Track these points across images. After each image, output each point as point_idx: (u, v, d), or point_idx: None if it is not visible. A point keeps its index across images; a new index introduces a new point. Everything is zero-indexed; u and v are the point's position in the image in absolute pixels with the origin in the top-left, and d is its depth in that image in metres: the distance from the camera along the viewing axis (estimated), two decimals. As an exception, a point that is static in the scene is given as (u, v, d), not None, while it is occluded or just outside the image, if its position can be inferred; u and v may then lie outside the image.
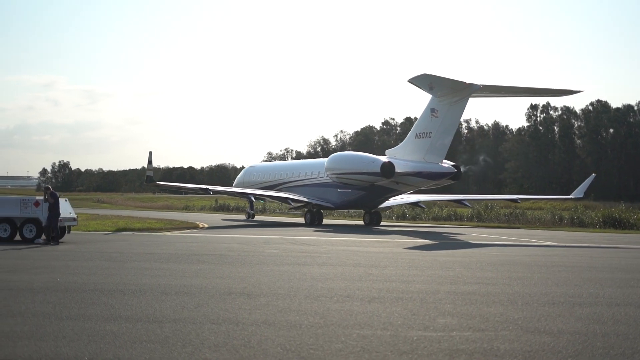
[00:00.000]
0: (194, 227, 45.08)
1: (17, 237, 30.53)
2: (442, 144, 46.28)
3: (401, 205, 59.62)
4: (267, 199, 60.42)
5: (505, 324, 11.79)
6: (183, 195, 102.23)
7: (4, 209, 30.81)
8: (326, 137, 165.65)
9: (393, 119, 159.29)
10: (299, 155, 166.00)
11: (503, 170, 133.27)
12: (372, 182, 48.58)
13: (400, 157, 48.42)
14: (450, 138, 46.29)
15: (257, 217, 62.75)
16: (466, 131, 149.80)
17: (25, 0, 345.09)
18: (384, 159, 48.48)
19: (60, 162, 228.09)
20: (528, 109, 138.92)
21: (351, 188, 50.64)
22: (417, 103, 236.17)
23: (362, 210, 55.97)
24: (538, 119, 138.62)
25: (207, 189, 56.91)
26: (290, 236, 36.30)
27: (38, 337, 10.31)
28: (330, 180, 51.60)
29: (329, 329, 11.18)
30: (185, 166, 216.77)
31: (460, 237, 38.09)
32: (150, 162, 48.66)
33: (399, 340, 10.36)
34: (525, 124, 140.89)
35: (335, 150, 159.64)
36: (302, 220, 56.65)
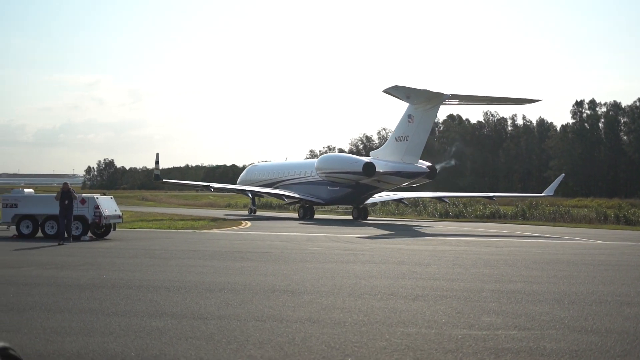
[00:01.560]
0: (237, 224, 45.31)
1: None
2: (417, 146, 51.69)
3: (386, 201, 64.14)
4: (265, 195, 64.78)
5: (552, 322, 11.67)
6: (226, 193, 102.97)
7: (51, 207, 31.27)
8: (369, 134, 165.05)
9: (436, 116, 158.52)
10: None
11: (547, 169, 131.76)
12: (357, 180, 53.33)
13: (382, 158, 53.50)
14: (424, 141, 51.86)
15: (259, 212, 65.87)
16: (511, 128, 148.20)
17: (70, 1, 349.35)
18: (366, 159, 53.64)
19: (105, 160, 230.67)
20: (573, 105, 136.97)
21: (339, 186, 55.50)
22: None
23: (351, 206, 60.09)
24: (583, 115, 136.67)
25: (209, 185, 64.67)
26: (333, 234, 36.31)
27: (86, 333, 10.43)
28: (320, 179, 56.64)
29: (373, 326, 11.16)
30: (228, 164, 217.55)
31: (427, 230, 37.97)
32: (157, 162, 55.07)
33: (444, 339, 10.31)
34: (571, 120, 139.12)
35: (377, 148, 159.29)
36: (296, 215, 60.56)
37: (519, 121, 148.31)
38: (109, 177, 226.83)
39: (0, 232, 33.69)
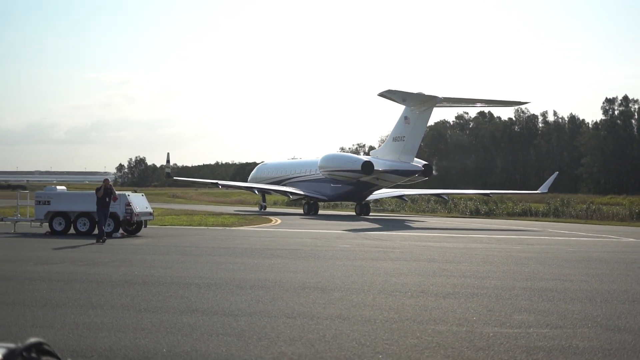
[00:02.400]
0: (268, 222, 45.43)
1: (96, 231, 31.17)
2: (413, 146, 54.90)
3: (388, 197, 67.03)
4: (271, 192, 66.79)
5: (584, 321, 11.57)
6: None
7: (83, 204, 31.57)
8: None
9: (466, 113, 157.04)
10: (372, 151, 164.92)
11: (579, 166, 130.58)
12: (357, 178, 56.24)
13: (381, 157, 56.77)
14: (419, 141, 55.76)
15: (269, 209, 67.71)
16: (542, 125, 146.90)
17: (102, 1, 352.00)
18: (365, 158, 57.22)
19: (136, 157, 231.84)
20: (604, 102, 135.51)
21: (341, 183, 58.36)
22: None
23: (354, 202, 63.15)
24: (615, 112, 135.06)
25: (217, 183, 67.31)
26: (362, 231, 36.31)
27: (118, 329, 10.51)
28: (324, 177, 59.45)
29: (404, 324, 11.14)
30: (258, 161, 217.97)
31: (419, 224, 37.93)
32: (168, 161, 60.74)
33: (475, 337, 10.27)
34: (602, 117, 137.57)
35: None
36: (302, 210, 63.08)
37: (550, 118, 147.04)
38: (140, 174, 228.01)
39: (34, 228, 34.03)
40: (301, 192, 60.96)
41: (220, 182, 69.17)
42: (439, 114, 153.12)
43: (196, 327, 10.69)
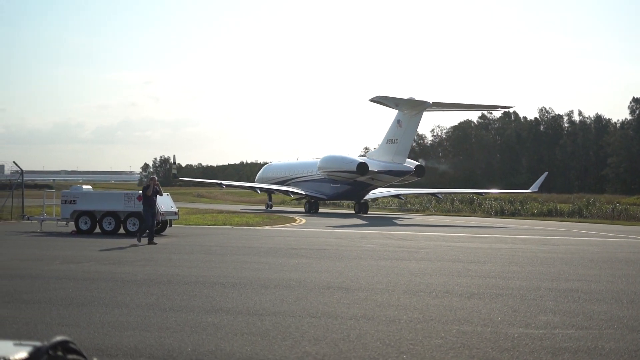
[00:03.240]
0: (292, 221, 45.49)
1: (121, 230, 31.39)
2: (405, 148, 58.34)
3: (385, 196, 69.70)
4: (274, 191, 69.17)
5: (610, 322, 11.49)
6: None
7: (109, 203, 31.79)
8: (421, 132, 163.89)
9: (490, 113, 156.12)
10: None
11: (605, 166, 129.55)
12: (353, 178, 59.07)
13: (376, 158, 59.76)
14: (411, 143, 59.80)
15: (275, 207, 70.21)
16: (567, 125, 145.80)
17: (125, 0, 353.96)
18: (361, 159, 60.13)
19: (161, 157, 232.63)
20: (631, 102, 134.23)
21: (339, 183, 61.19)
22: (513, 97, 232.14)
23: (353, 201, 65.90)
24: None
25: (221, 183, 69.48)
26: (387, 231, 36.26)
27: (143, 328, 10.57)
28: (323, 177, 62.30)
29: (428, 324, 11.12)
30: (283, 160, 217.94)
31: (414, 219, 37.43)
32: (174, 162, 66.56)
33: (500, 337, 10.22)
34: (628, 116, 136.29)
35: (432, 146, 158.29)
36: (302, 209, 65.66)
37: (575, 117, 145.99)
38: (165, 174, 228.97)
39: (60, 227, 34.29)
40: (302, 192, 63.91)
41: (223, 182, 71.53)
42: (463, 115, 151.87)
43: (221, 326, 10.72)
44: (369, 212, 62.64)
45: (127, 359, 8.86)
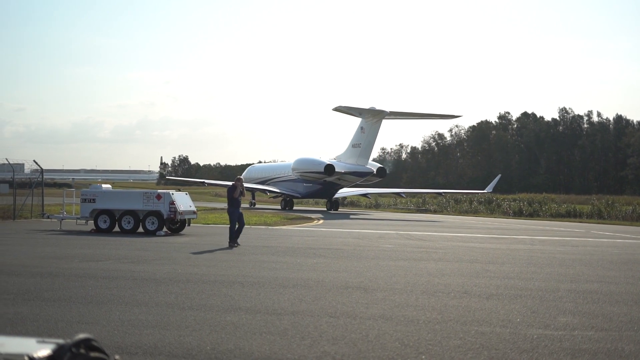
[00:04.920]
0: (310, 221, 45.53)
1: (140, 229, 31.53)
2: (367, 151, 64.96)
3: (354, 195, 75.29)
4: (255, 190, 74.21)
5: (630, 324, 11.43)
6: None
7: (128, 202, 31.93)
8: (440, 132, 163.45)
9: (509, 113, 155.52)
10: (414, 151, 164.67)
11: (625, 167, 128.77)
12: (322, 178, 64.60)
13: (343, 160, 65.80)
14: (372, 147, 65.55)
15: (258, 205, 75.00)
16: (587, 125, 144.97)
17: (144, 1, 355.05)
18: (328, 161, 65.18)
19: (179, 156, 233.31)
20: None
21: (311, 183, 66.54)
22: (532, 98, 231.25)
23: (324, 199, 71.03)
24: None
25: (203, 182, 78.50)
26: (405, 232, 36.22)
27: (162, 326, 10.61)
28: (297, 177, 67.75)
29: (447, 324, 11.10)
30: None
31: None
32: (162, 162, 75.00)
33: (519, 338, 10.19)
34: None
35: (450, 146, 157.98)
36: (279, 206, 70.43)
37: (594, 118, 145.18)
38: (184, 173, 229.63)
39: (79, 226, 34.48)
40: (278, 190, 69.85)
41: (207, 181, 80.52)
42: (482, 114, 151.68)
43: (239, 325, 10.75)
44: (339, 210, 68.05)
45: (147, 357, 8.90)
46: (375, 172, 65.17)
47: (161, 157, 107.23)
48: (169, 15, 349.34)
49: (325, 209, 68.67)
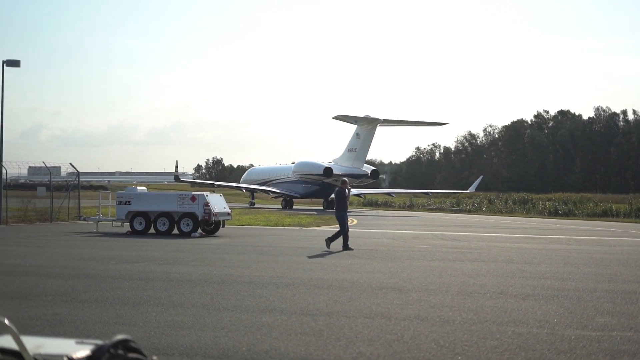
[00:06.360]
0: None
1: (175, 231, 31.71)
2: (362, 155, 70.65)
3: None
4: (258, 191, 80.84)
5: (670, 324, 11.27)
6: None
7: (163, 204, 32.17)
8: (473, 132, 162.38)
9: (547, 112, 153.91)
10: (447, 151, 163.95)
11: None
12: (321, 180, 70.19)
13: (340, 164, 71.38)
14: (367, 152, 71.04)
15: (261, 205, 79.99)
16: (623, 123, 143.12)
17: (179, 3, 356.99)
18: (327, 164, 70.83)
19: (213, 158, 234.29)
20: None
21: (310, 184, 72.50)
22: (568, 97, 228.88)
23: (321, 199, 75.56)
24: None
25: (213, 183, 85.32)
26: (440, 232, 36.07)
27: (198, 327, 10.66)
28: (297, 179, 73.73)
29: (483, 325, 11.03)
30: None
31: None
32: (176, 166, 75.95)
33: (556, 339, 10.09)
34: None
35: (483, 146, 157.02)
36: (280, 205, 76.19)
37: (630, 116, 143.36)
38: (217, 174, 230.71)
39: (115, 228, 34.79)
40: (279, 191, 75.84)
41: (216, 182, 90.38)
42: (516, 113, 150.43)
43: (275, 326, 10.76)
44: (334, 208, 70.67)
45: (184, 358, 8.94)
46: (369, 174, 71.08)
47: (176, 162, 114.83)
48: (202, 17, 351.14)
49: (321, 207, 72.79)
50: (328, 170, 69.20)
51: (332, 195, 67.57)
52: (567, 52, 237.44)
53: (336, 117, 69.86)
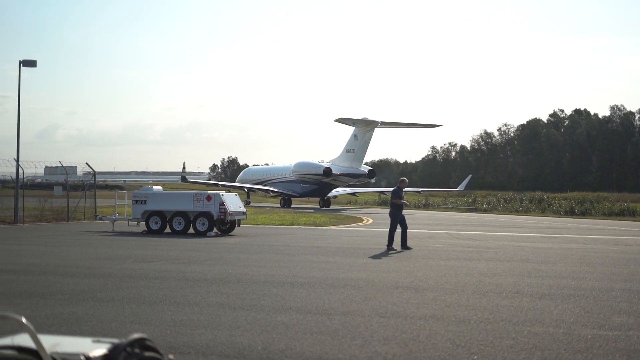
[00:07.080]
0: (359, 221, 45.51)
1: (191, 230, 31.78)
2: (360, 156, 72.99)
3: (343, 194, 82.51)
4: (257, 190, 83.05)
5: (687, 324, 11.21)
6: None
7: (179, 203, 32.25)
8: (489, 130, 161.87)
9: (562, 111, 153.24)
10: (463, 150, 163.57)
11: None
12: (320, 179, 72.73)
13: (338, 164, 73.65)
14: (365, 153, 73.54)
15: (253, 203, 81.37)
16: (639, 122, 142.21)
17: (190, 4, 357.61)
18: (326, 165, 73.58)
19: (228, 157, 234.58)
20: None
21: (308, 183, 74.48)
22: (584, 96, 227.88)
23: (318, 198, 78.20)
24: None
25: (217, 184, 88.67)
26: (455, 231, 36.00)
27: (214, 326, 10.69)
28: (295, 178, 75.65)
29: (499, 325, 11.01)
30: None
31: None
32: (184, 167, 79.82)
33: (573, 339, 10.06)
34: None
35: (499, 144, 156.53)
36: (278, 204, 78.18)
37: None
38: (233, 174, 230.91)
39: (131, 227, 34.92)
40: (278, 190, 77.75)
41: (220, 182, 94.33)
42: (532, 112, 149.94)
43: (290, 325, 10.78)
44: (330, 207, 74.37)
45: (199, 357, 8.97)
46: (367, 174, 73.32)
47: (184, 163, 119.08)
48: (214, 17, 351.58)
49: (318, 206, 75.33)
50: (327, 170, 71.76)
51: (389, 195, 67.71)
52: (582, 51, 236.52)
53: (338, 120, 72.39)
